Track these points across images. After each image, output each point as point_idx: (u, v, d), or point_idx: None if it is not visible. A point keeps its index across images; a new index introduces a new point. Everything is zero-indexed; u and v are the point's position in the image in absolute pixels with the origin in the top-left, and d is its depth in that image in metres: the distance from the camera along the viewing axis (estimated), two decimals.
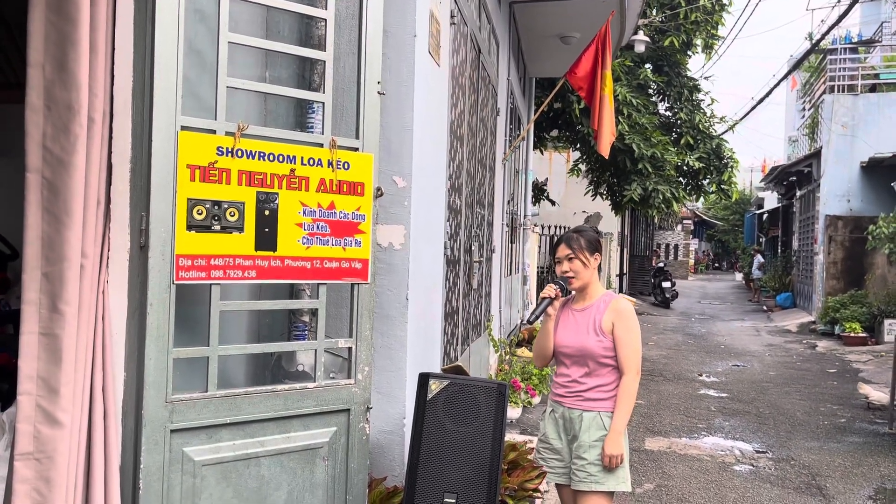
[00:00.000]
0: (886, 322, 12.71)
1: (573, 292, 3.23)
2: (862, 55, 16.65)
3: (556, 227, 14.05)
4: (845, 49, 16.39)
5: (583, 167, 13.94)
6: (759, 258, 24.46)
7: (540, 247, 12.85)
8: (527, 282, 10.66)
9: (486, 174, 6.06)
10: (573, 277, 3.13)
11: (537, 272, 12.50)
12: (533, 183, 12.14)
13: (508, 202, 8.30)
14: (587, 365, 3.08)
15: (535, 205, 12.90)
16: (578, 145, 13.19)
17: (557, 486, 3.25)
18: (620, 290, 20.70)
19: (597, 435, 3.03)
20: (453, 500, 2.63)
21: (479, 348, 5.91)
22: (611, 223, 18.06)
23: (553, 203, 15.26)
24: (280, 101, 3.17)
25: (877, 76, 16.14)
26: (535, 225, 12.38)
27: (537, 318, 3.20)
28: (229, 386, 2.62)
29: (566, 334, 3.13)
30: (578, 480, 3.05)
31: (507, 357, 7.17)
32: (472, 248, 5.27)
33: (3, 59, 3.38)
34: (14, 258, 3.74)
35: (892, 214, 12.81)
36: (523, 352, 7.82)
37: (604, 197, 13.93)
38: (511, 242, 8.73)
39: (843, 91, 15.66)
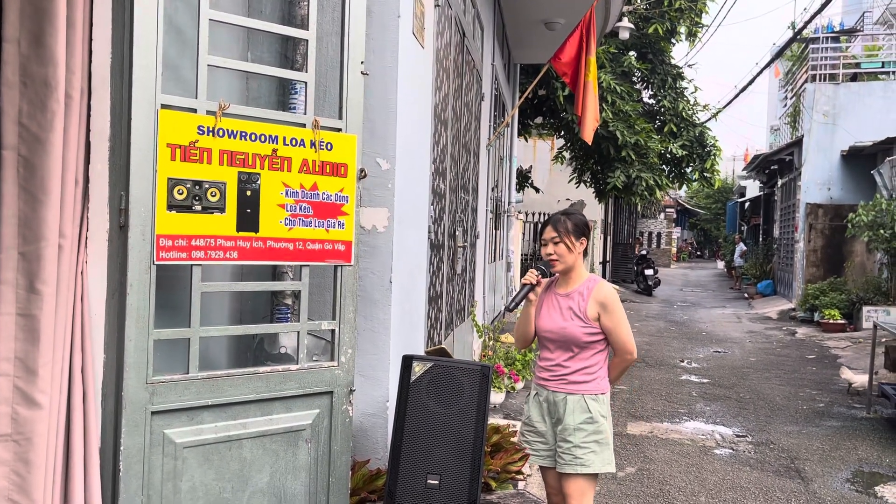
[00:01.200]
0: (865, 309, 12.86)
1: (556, 275, 3.22)
2: (843, 44, 16.76)
3: (540, 213, 14.06)
4: (827, 38, 16.49)
5: (567, 154, 13.95)
6: (741, 246, 24.66)
7: (524, 234, 12.86)
8: (510, 268, 10.67)
9: (470, 159, 6.04)
10: (557, 260, 3.12)
11: (521, 259, 12.51)
12: (517, 170, 12.14)
13: (493, 188, 8.29)
14: (571, 349, 3.08)
15: (519, 192, 12.90)
16: (563, 132, 13.19)
17: (542, 468, 3.25)
18: (604, 278, 20.80)
19: (581, 418, 3.04)
20: (436, 482, 2.63)
21: (462, 333, 5.91)
22: (594, 211, 18.09)
23: (537, 190, 15.27)
24: (262, 82, 3.14)
25: (858, 65, 16.26)
26: (520, 212, 12.38)
27: (517, 305, 3.19)
28: (211, 368, 2.61)
29: (549, 319, 3.13)
30: (564, 463, 3.06)
31: (491, 342, 7.19)
32: (457, 232, 5.26)
33: None
34: None
35: (871, 202, 12.94)
36: (507, 338, 7.83)
37: (587, 184, 13.95)
38: (495, 229, 8.73)
39: (825, 80, 15.77)
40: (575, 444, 3.04)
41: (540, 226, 3.21)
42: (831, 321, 13.21)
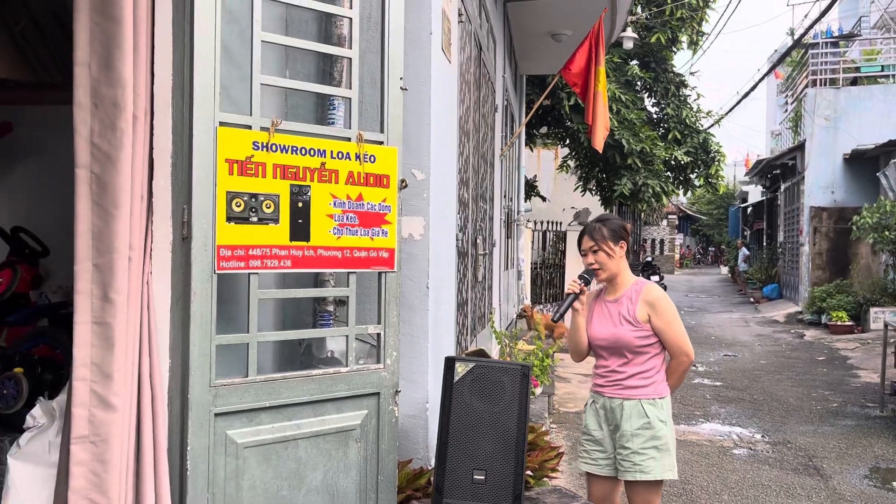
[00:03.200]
0: (872, 310, 12.97)
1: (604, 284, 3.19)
2: (842, 49, 16.95)
3: (546, 222, 14.21)
4: (826, 44, 16.69)
5: (572, 163, 14.10)
6: (743, 251, 24.77)
7: (533, 242, 12.99)
8: (521, 277, 10.79)
9: (487, 169, 6.19)
10: (599, 269, 3.10)
11: (531, 268, 12.64)
12: (525, 179, 12.28)
13: (506, 198, 8.43)
14: (624, 355, 3.06)
15: (527, 201, 13.05)
16: (568, 141, 13.34)
17: (588, 475, 3.22)
18: None
19: (639, 423, 3.02)
20: (482, 476, 2.74)
21: (483, 339, 6.04)
22: (606, 213, 18.25)
23: (543, 199, 15.41)
24: (300, 97, 3.27)
25: (857, 69, 16.45)
26: (528, 221, 12.52)
27: (562, 315, 3.20)
28: (261, 372, 2.72)
29: (600, 326, 3.12)
30: (624, 470, 3.06)
31: (508, 349, 7.30)
32: (478, 241, 5.40)
33: (34, 59, 3.46)
34: (45, 255, 3.81)
35: (875, 205, 13.06)
36: (522, 345, 7.95)
37: (593, 192, 14.09)
38: (507, 238, 8.86)
39: (825, 85, 15.95)
40: (633, 451, 3.02)
41: (577, 239, 3.23)
42: (839, 323, 13.32)
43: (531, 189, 14.32)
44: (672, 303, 3.12)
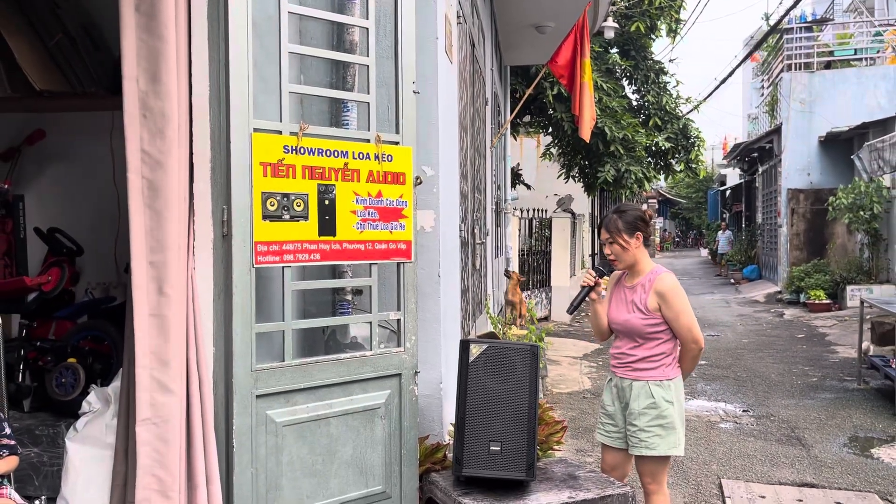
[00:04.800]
0: (848, 288, 13.39)
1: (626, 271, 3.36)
2: (816, 33, 17.32)
3: (532, 210, 14.46)
4: (801, 28, 17.05)
5: (555, 151, 14.36)
6: (728, 234, 25.18)
7: (519, 230, 13.25)
8: (509, 264, 11.05)
9: (480, 161, 6.42)
10: (615, 260, 3.29)
11: (519, 255, 12.91)
12: (511, 168, 12.53)
13: (496, 187, 8.67)
14: (635, 339, 3.27)
15: (513, 189, 13.30)
16: (550, 129, 13.59)
17: (603, 446, 3.48)
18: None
19: (645, 403, 3.24)
20: (498, 448, 3.00)
21: (480, 325, 6.29)
22: (583, 204, 18.50)
23: (528, 187, 15.67)
24: (315, 101, 3.48)
25: (831, 53, 16.82)
26: (515, 209, 12.78)
27: (576, 307, 3.40)
28: (294, 357, 2.95)
29: (616, 311, 3.32)
30: (632, 446, 3.31)
31: (502, 334, 7.56)
32: (475, 230, 5.64)
33: (68, 69, 3.64)
34: (80, 254, 4.01)
35: (850, 186, 13.48)
36: (515, 330, 8.22)
37: (576, 179, 14.36)
38: (497, 226, 9.11)
39: (800, 69, 16.31)
40: (640, 428, 3.25)
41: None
42: (817, 301, 13.73)
43: (516, 177, 14.57)
44: (683, 293, 3.26)
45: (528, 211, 14.29)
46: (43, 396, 3.34)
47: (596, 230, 14.70)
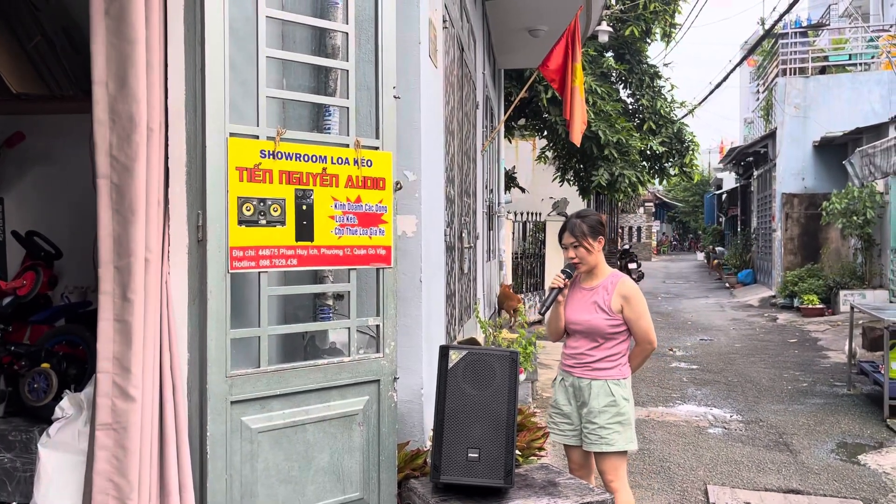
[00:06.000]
0: (842, 293, 13.40)
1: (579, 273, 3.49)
2: (811, 39, 17.35)
3: (526, 213, 14.46)
4: (796, 33, 17.08)
5: (550, 154, 14.36)
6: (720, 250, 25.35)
7: (514, 233, 13.24)
8: (503, 267, 11.05)
9: (470, 165, 6.41)
10: (580, 263, 3.41)
11: (512, 258, 12.91)
12: (504, 171, 12.52)
13: (488, 190, 8.66)
14: (596, 339, 3.39)
15: (507, 192, 13.29)
16: (545, 133, 13.59)
17: (566, 446, 3.61)
18: None
19: (606, 401, 3.37)
20: (476, 455, 2.98)
21: (469, 329, 6.28)
22: (578, 207, 18.53)
23: (523, 190, 15.67)
24: (296, 106, 3.47)
25: (826, 58, 16.86)
26: (509, 212, 12.77)
27: (548, 308, 3.49)
28: (270, 363, 2.93)
29: (577, 312, 3.43)
30: (590, 443, 3.41)
31: (492, 339, 7.55)
32: (463, 235, 5.62)
33: (46, 72, 3.62)
34: (58, 257, 3.99)
35: (843, 191, 13.49)
36: (506, 334, 8.20)
37: (571, 183, 14.36)
38: (489, 230, 9.10)
39: (795, 74, 16.34)
40: (600, 426, 3.37)
41: (559, 231, 3.53)
42: (810, 306, 13.74)
43: (510, 180, 14.56)
44: (643, 296, 3.44)
45: (522, 214, 14.29)
46: (17, 401, 3.33)
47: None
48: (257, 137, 2.75)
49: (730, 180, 30.29)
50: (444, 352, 3.08)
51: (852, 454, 5.75)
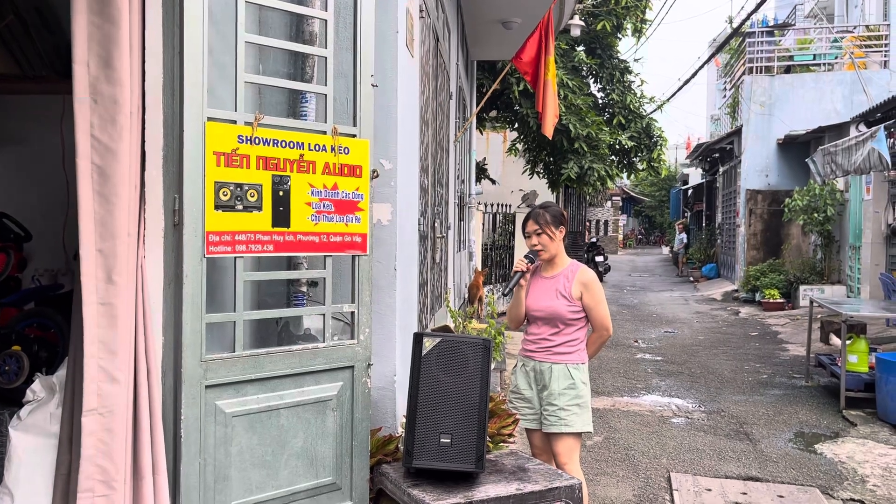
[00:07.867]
0: (801, 288, 13.72)
1: (539, 262, 3.65)
2: (777, 38, 17.67)
3: (496, 205, 14.54)
4: (762, 32, 17.37)
5: (520, 147, 14.45)
6: (682, 237, 25.63)
7: (483, 224, 13.32)
8: (472, 258, 11.11)
9: (443, 155, 6.44)
10: (542, 250, 3.55)
11: (482, 249, 12.97)
12: (476, 162, 12.56)
13: (460, 181, 8.69)
14: (556, 325, 3.53)
15: (477, 184, 13.34)
16: (516, 125, 13.66)
17: (527, 430, 3.74)
18: None
19: (565, 384, 3.51)
20: (448, 440, 3.03)
21: (440, 318, 6.32)
22: (547, 200, 18.69)
23: (493, 182, 15.74)
24: (273, 91, 3.47)
25: (791, 58, 17.18)
26: (479, 203, 12.83)
27: (511, 290, 3.62)
28: (245, 348, 2.94)
29: (538, 299, 3.56)
30: (549, 424, 3.54)
31: (462, 328, 7.60)
32: (436, 224, 5.66)
33: (18, 52, 3.56)
34: (28, 240, 3.93)
35: (805, 188, 13.80)
36: (475, 323, 8.27)
37: (541, 175, 14.47)
38: (460, 220, 9.14)
39: (761, 72, 16.63)
40: (560, 407, 3.51)
41: (523, 222, 3.65)
42: (771, 300, 14.05)
43: (481, 172, 14.63)
44: (601, 285, 3.60)
45: (492, 206, 14.36)
46: None
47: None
48: (235, 122, 2.75)
49: (696, 176, 30.73)
50: (418, 339, 3.12)
51: (810, 443, 5.92)
